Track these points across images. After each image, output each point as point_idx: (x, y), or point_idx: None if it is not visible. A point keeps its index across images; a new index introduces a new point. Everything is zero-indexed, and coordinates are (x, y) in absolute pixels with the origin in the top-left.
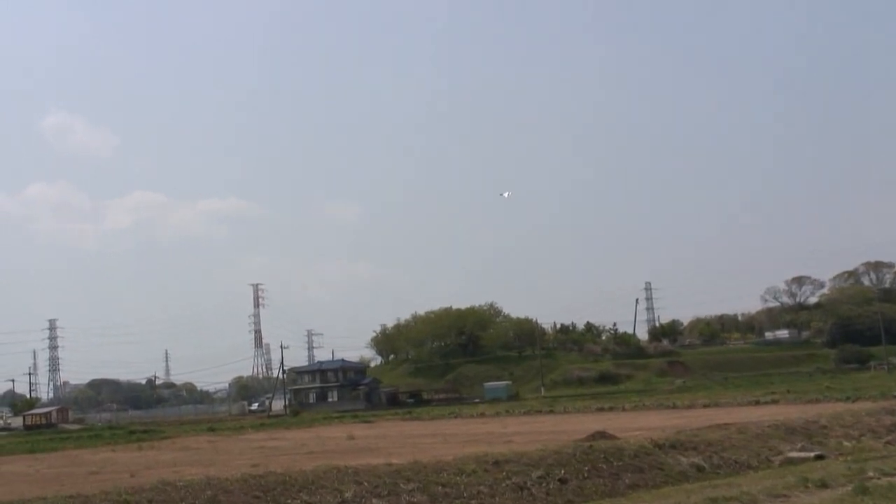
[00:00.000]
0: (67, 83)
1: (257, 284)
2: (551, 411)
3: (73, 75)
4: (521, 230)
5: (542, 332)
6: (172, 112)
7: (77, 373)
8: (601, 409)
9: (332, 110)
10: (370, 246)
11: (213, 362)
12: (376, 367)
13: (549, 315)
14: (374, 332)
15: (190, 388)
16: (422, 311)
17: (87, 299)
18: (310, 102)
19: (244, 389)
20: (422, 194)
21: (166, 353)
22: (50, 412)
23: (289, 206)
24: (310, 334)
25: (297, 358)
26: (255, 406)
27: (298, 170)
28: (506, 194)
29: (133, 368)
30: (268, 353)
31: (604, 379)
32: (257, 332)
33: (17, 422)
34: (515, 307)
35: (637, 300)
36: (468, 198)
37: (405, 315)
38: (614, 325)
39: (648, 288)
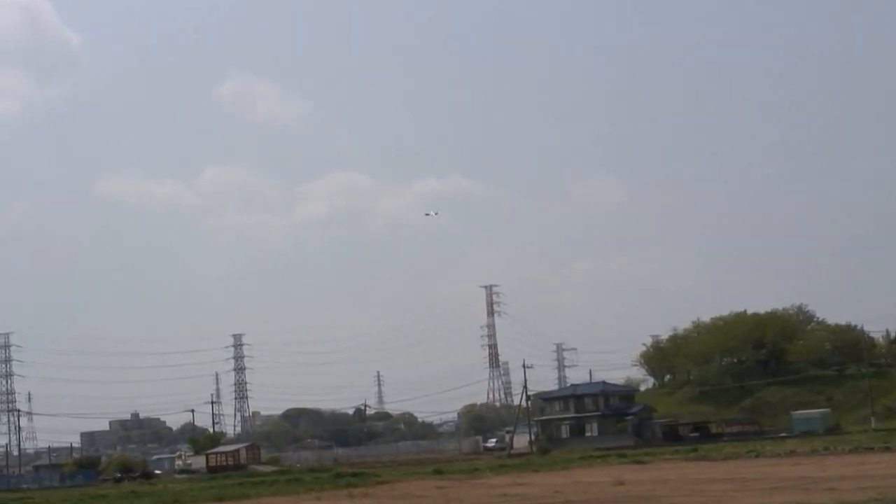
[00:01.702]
0: (247, 39)
1: (490, 286)
2: (887, 448)
3: (252, 29)
4: (839, 211)
5: (871, 343)
6: (376, 72)
7: (269, 401)
8: None
9: (587, 60)
10: (635, 235)
11: (436, 386)
12: (647, 391)
13: (878, 321)
14: (644, 345)
15: (409, 419)
16: (706, 318)
17: (279, 309)
18: (550, 49)
19: (477, 421)
20: (704, 167)
21: (378, 376)
22: (238, 450)
23: (527, 186)
24: (559, 349)
25: (545, 380)
26: (491, 442)
27: (540, 138)
28: (432, 213)
29: (337, 395)
30: (506, 373)
31: None
32: (492, 348)
33: (199, 462)
34: (832, 311)
35: None
36: (766, 166)
37: (684, 323)
38: None
39: None
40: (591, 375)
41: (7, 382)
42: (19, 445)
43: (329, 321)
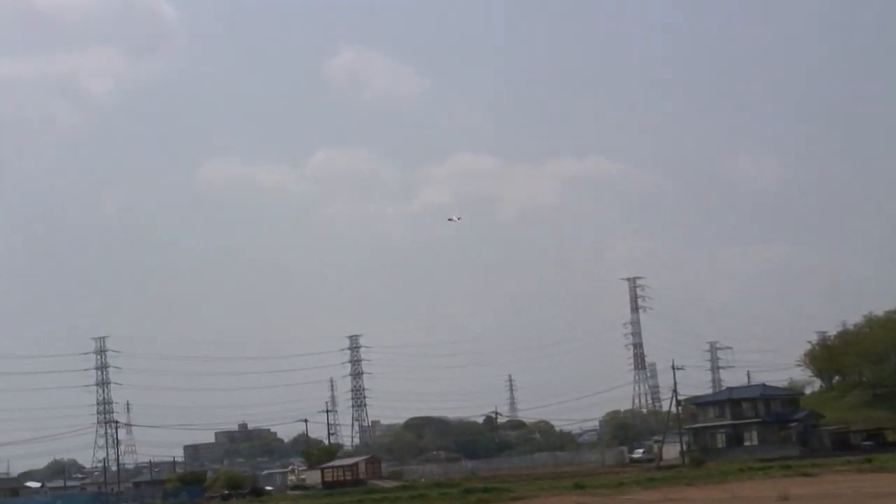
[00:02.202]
0: (358, 9)
1: (634, 278)
2: None
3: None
4: None
5: None
6: (502, 41)
7: (390, 409)
8: None
9: (742, 27)
10: (797, 218)
11: (575, 391)
12: (813, 394)
13: None
14: (809, 343)
15: (545, 427)
16: (879, 312)
17: (399, 307)
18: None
19: (621, 429)
20: (876, 141)
21: (510, 381)
22: (356, 464)
23: (675, 166)
24: (713, 349)
25: (697, 383)
26: (638, 453)
27: (688, 112)
28: (455, 218)
29: (465, 402)
30: (653, 376)
31: None
32: (637, 348)
33: (314, 477)
34: None
35: None
36: None
37: (854, 318)
38: None
39: None
40: (749, 377)
41: (103, 391)
42: (118, 460)
43: (455, 320)
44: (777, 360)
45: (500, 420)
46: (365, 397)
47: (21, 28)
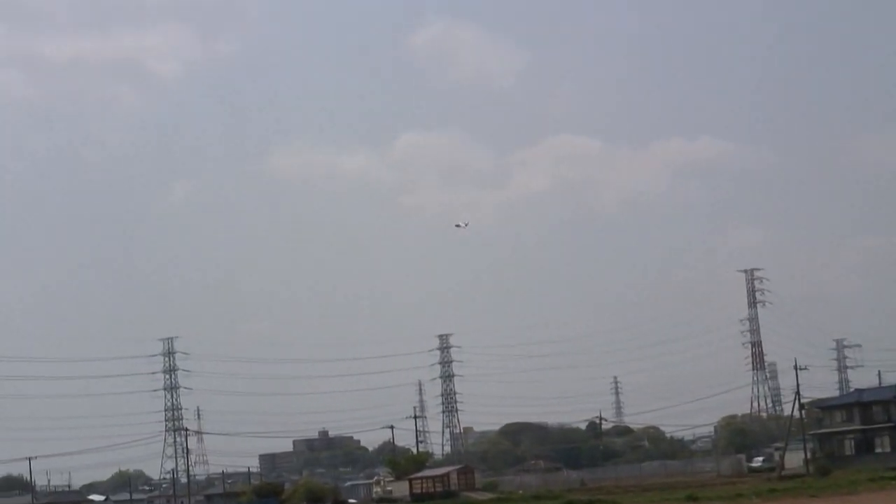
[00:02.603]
0: None
1: (751, 270)
2: None
3: None
4: None
5: None
6: (605, 12)
7: (484, 414)
8: None
9: None
10: None
11: (687, 394)
12: None
13: None
14: None
15: (654, 434)
16: None
17: (492, 303)
18: None
19: (739, 435)
20: None
21: (615, 383)
22: (448, 474)
23: (796, 147)
24: (840, 347)
25: (822, 384)
26: (757, 461)
27: (810, 87)
28: (462, 224)
29: (566, 407)
30: (773, 377)
31: None
32: (755, 346)
33: (401, 488)
34: None
35: None
36: None
37: None
38: None
39: None
40: (880, 378)
41: (172, 397)
42: (188, 471)
43: (554, 316)
44: None
45: (605, 426)
46: (456, 401)
47: (82, 6)
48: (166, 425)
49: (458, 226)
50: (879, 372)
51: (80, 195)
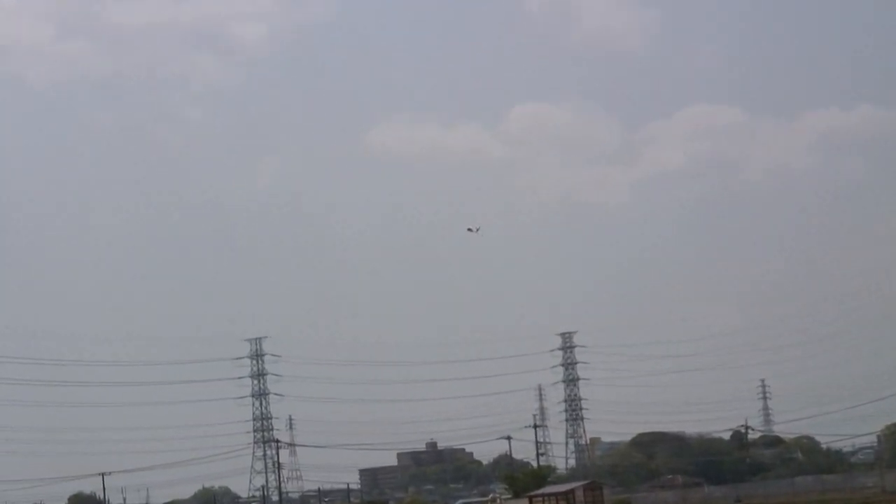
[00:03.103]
0: None
1: None
2: None
3: None
4: None
5: None
6: None
7: (613, 423)
8: None
9: None
10: None
11: (845, 399)
12: None
13: None
14: None
15: (808, 445)
16: None
17: (621, 296)
18: None
19: None
20: None
21: (763, 386)
22: (572, 490)
23: None
24: None
25: None
26: None
27: None
28: (474, 228)
29: (706, 414)
30: None
31: None
32: None
33: None
34: None
35: None
36: None
37: None
38: None
39: None
40: None
41: (261, 404)
42: (280, 487)
43: (692, 311)
44: None
45: (752, 436)
46: (581, 408)
47: None
48: (255, 436)
49: (469, 230)
50: None
51: (153, 177)
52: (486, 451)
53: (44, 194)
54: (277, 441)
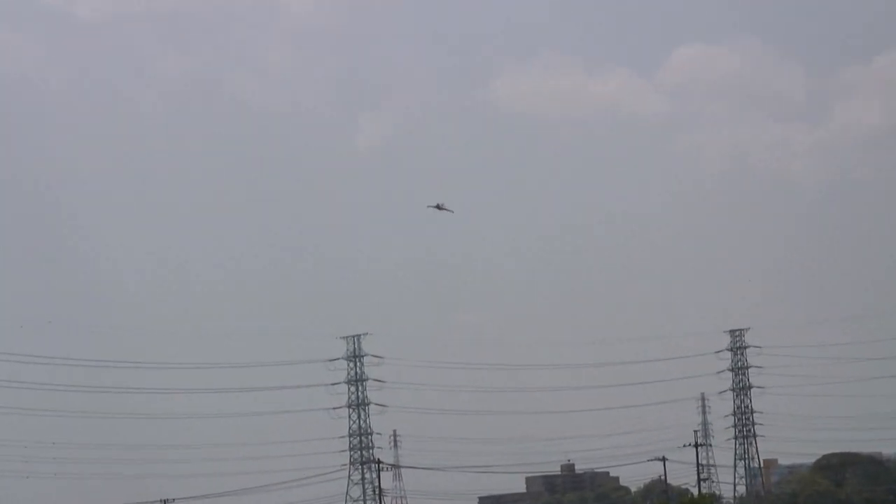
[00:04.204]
0: None
1: None
2: None
3: None
4: None
5: None
6: None
7: (791, 441)
8: None
9: None
10: None
11: None
12: None
13: None
14: None
15: None
16: None
17: (803, 285)
18: None
19: None
20: None
21: None
22: None
23: None
24: None
25: None
26: None
27: None
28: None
29: None
30: None
31: None
32: None
33: None
34: None
35: None
36: None
37: None
38: None
39: None
40: None
41: (359, 417)
42: None
43: (892, 303)
44: None
45: None
46: (754, 423)
47: None
48: (351, 455)
49: (437, 208)
50: None
51: (235, 139)
52: (634, 475)
53: (104, 166)
54: (378, 461)
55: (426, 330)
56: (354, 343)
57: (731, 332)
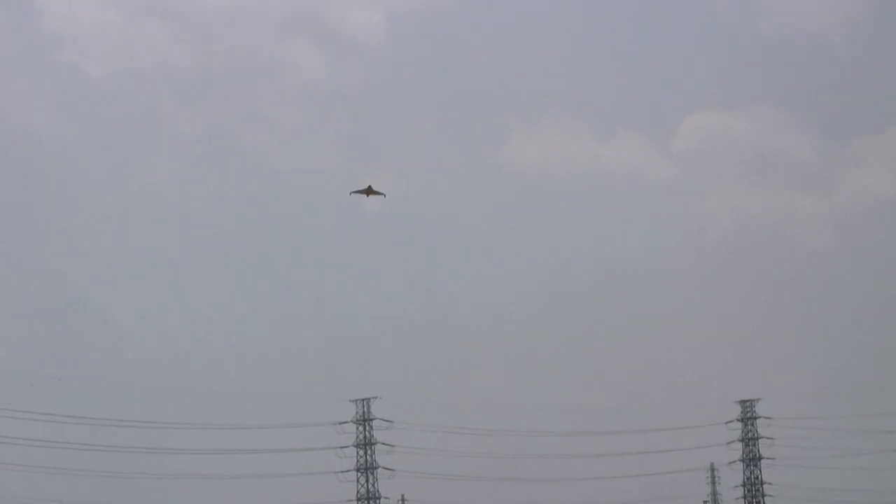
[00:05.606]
0: None
1: None
2: None
3: None
4: None
5: None
6: None
7: None
8: None
9: None
10: None
11: None
12: None
13: None
14: None
15: None
16: None
17: (817, 355)
18: None
19: None
20: None
21: None
22: None
23: None
24: None
25: None
26: None
27: None
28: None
29: None
30: None
31: None
32: None
33: None
34: None
35: None
36: None
37: None
38: None
39: None
40: None
41: (367, 481)
42: None
43: None
44: None
45: None
46: (764, 495)
47: None
48: None
49: (366, 193)
50: None
51: (236, 195)
52: None
53: (114, 223)
54: None
55: (436, 394)
56: (364, 406)
57: (742, 402)
